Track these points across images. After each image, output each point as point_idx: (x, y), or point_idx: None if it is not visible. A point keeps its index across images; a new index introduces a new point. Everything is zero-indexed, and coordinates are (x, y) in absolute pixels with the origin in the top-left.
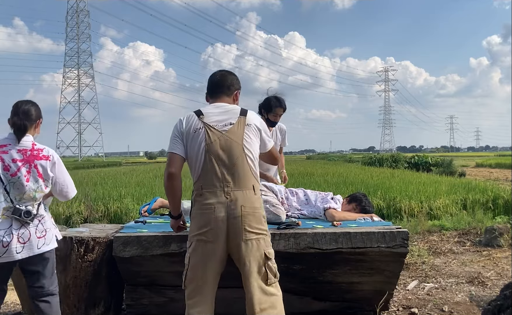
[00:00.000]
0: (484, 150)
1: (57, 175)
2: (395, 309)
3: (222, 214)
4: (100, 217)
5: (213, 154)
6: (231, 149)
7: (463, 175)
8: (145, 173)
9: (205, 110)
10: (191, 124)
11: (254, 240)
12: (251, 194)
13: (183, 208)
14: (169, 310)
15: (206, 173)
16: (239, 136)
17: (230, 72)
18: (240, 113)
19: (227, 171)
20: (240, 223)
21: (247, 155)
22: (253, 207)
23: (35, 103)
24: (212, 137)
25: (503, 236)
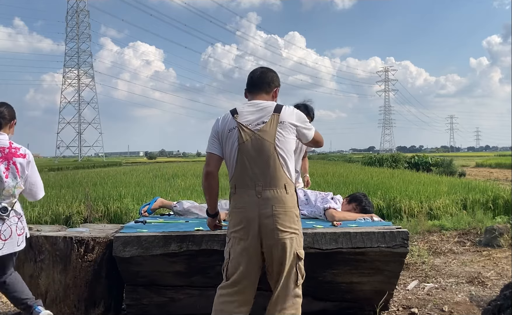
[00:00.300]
0: (484, 150)
1: (30, 174)
2: (395, 309)
3: (254, 213)
4: (100, 217)
5: (245, 154)
6: (263, 149)
7: (463, 175)
8: (145, 173)
9: (240, 109)
10: (226, 123)
11: (287, 239)
12: (283, 193)
13: (184, 208)
14: (169, 310)
15: (239, 172)
16: (271, 135)
17: (270, 69)
18: (274, 110)
19: (259, 170)
20: (272, 222)
21: (279, 154)
22: (285, 206)
23: (9, 105)
24: (244, 137)
25: (503, 236)
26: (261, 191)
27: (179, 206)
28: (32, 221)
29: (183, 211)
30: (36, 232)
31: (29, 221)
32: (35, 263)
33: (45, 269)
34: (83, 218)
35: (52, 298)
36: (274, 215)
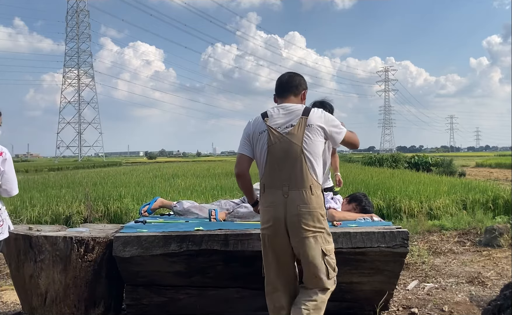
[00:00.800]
0: (484, 150)
1: (6, 170)
2: (395, 309)
3: (281, 213)
4: (100, 217)
5: (273, 155)
6: (290, 151)
7: (463, 175)
8: (145, 173)
9: (270, 112)
10: (256, 126)
11: (311, 238)
12: (308, 194)
13: (184, 208)
14: (169, 310)
15: (268, 173)
16: (299, 138)
17: (297, 73)
18: (302, 113)
19: (286, 171)
20: (297, 221)
21: (306, 157)
22: (310, 206)
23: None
24: (273, 139)
25: (503, 236)
26: (288, 191)
27: (179, 206)
28: (32, 221)
29: (183, 211)
30: (36, 232)
31: (29, 221)
32: (35, 263)
33: (45, 269)
34: (83, 218)
35: (52, 298)
36: (299, 214)
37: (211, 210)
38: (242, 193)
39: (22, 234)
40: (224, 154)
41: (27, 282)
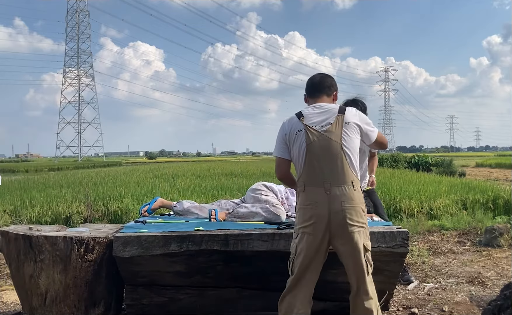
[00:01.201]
0: (484, 150)
1: None
2: (395, 309)
3: (324, 210)
4: (100, 217)
5: (313, 154)
6: (330, 148)
7: (463, 175)
8: (145, 173)
9: (305, 112)
10: (293, 126)
11: (355, 233)
12: (350, 189)
13: (184, 208)
14: (169, 310)
15: (307, 171)
16: (338, 135)
17: (328, 74)
18: (338, 111)
19: (327, 169)
20: (341, 218)
21: (346, 153)
22: (353, 201)
23: None
24: (311, 137)
25: (503, 236)
26: (330, 188)
27: (179, 206)
28: (32, 221)
29: (183, 211)
30: (36, 232)
31: (29, 221)
32: (35, 263)
33: (45, 269)
34: (83, 218)
35: (52, 298)
36: (343, 210)
37: (211, 210)
38: (242, 193)
39: (22, 234)
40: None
41: (27, 282)
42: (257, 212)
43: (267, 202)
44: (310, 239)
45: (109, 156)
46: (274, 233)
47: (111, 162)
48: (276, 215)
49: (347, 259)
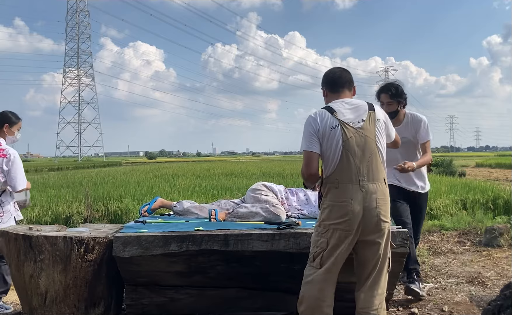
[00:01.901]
0: (484, 150)
1: (10, 169)
2: (395, 309)
3: (359, 206)
4: (100, 217)
5: (349, 150)
6: (366, 145)
7: (463, 175)
8: (145, 173)
9: (336, 107)
10: (326, 121)
11: (386, 229)
12: (383, 185)
13: (184, 208)
14: (169, 310)
15: (342, 167)
16: (372, 132)
17: (345, 69)
18: (368, 108)
19: (362, 165)
20: (375, 214)
21: (379, 150)
22: (385, 197)
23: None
24: (348, 134)
25: (503, 236)
26: (365, 185)
27: (179, 206)
28: (32, 221)
29: (183, 211)
30: (36, 232)
31: (29, 221)
32: (35, 263)
33: (45, 269)
34: (83, 218)
35: (52, 298)
36: (378, 207)
37: (211, 210)
38: (242, 193)
39: (22, 234)
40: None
41: (27, 282)
42: (257, 212)
43: (267, 202)
44: (343, 235)
45: (109, 156)
46: (274, 233)
47: (111, 162)
48: (276, 215)
49: (373, 254)
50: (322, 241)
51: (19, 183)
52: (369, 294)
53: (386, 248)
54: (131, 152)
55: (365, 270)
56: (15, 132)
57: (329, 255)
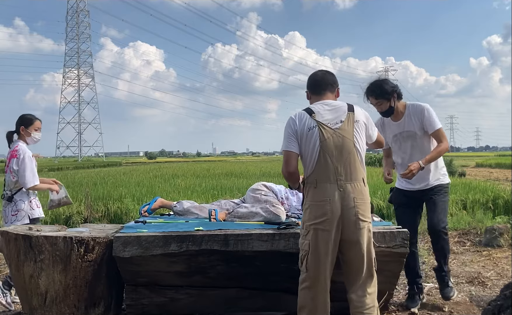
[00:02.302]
0: (484, 150)
1: (19, 168)
2: (395, 309)
3: (337, 205)
4: (100, 217)
5: (327, 151)
6: (343, 146)
7: (463, 175)
8: (145, 173)
9: (315, 108)
10: (304, 123)
11: (365, 228)
12: (361, 185)
13: (184, 208)
14: (169, 310)
15: (320, 168)
16: (350, 133)
17: (329, 71)
18: (348, 109)
19: (340, 165)
20: (353, 213)
21: (357, 150)
22: (364, 197)
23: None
24: (325, 135)
25: (503, 236)
26: (343, 184)
27: (179, 206)
28: None
29: (183, 211)
30: (36, 232)
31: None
32: (35, 263)
33: (45, 269)
34: (83, 218)
35: (52, 298)
36: (356, 206)
37: (211, 210)
38: (242, 193)
39: (22, 234)
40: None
41: (27, 282)
42: (257, 212)
43: (267, 202)
44: (324, 235)
45: (109, 156)
46: (274, 233)
47: (111, 162)
48: (276, 215)
49: (355, 254)
50: (305, 243)
51: (27, 181)
52: (361, 294)
53: (369, 247)
54: (131, 152)
55: (351, 270)
56: (31, 133)
57: (313, 257)
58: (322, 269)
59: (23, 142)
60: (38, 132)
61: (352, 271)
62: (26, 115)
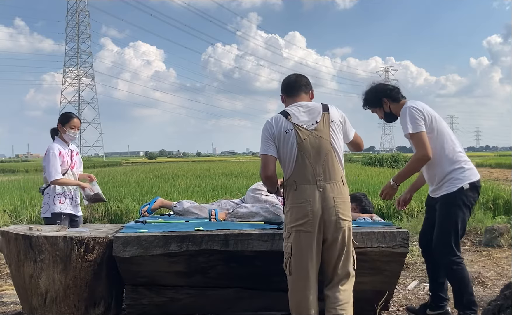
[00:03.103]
0: (484, 150)
1: (44, 163)
2: (395, 309)
3: (317, 206)
4: (100, 217)
5: (304, 152)
6: (320, 146)
7: None
8: (145, 173)
9: (290, 111)
10: (280, 126)
11: (346, 227)
12: (341, 185)
13: (184, 208)
14: (169, 310)
15: (299, 169)
16: (326, 133)
17: (302, 74)
18: (323, 110)
19: (318, 166)
20: (334, 213)
21: (335, 150)
22: (343, 196)
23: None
24: (302, 136)
25: (503, 236)
26: (322, 185)
27: (179, 206)
28: (32, 221)
29: (183, 211)
30: (36, 232)
31: (29, 221)
32: (35, 263)
33: (45, 269)
34: (83, 218)
35: (52, 298)
36: (336, 205)
37: (211, 210)
38: (242, 193)
39: (22, 234)
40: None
41: (27, 282)
42: (257, 212)
43: (267, 202)
44: (306, 237)
45: (109, 156)
46: (274, 233)
47: (111, 162)
48: (276, 215)
49: (335, 252)
50: (287, 245)
51: (49, 175)
52: (335, 290)
53: (348, 246)
54: (131, 152)
55: (329, 268)
56: (67, 130)
57: (296, 259)
58: (305, 271)
59: (59, 140)
60: (74, 130)
61: (329, 269)
62: (66, 113)
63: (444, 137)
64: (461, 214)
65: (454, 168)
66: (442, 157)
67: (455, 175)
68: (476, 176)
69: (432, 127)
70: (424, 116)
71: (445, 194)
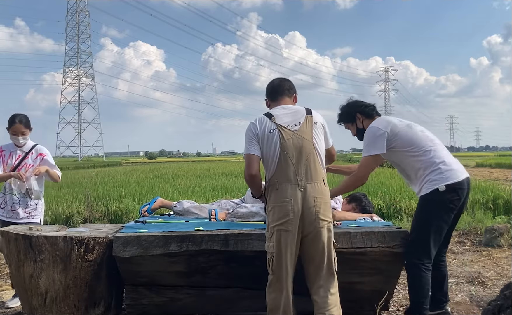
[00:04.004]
0: (484, 150)
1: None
2: (395, 309)
3: (298, 205)
4: (100, 217)
5: (287, 152)
6: (303, 147)
7: None
8: (145, 173)
9: (275, 112)
10: (265, 126)
11: (325, 228)
12: (322, 185)
13: (184, 208)
14: (169, 310)
15: (281, 169)
16: (308, 134)
17: (286, 78)
18: (306, 112)
19: (300, 166)
20: (314, 213)
21: (317, 151)
22: (324, 197)
23: None
24: (285, 136)
25: (503, 236)
26: (304, 185)
27: (179, 206)
28: None
29: (183, 211)
30: (36, 232)
31: None
32: (35, 263)
33: (45, 269)
34: (83, 218)
35: (52, 298)
36: (316, 205)
37: (211, 210)
38: (242, 193)
39: (22, 234)
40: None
41: (27, 282)
42: (257, 212)
43: None
44: (287, 236)
45: (109, 156)
46: None
47: (111, 162)
48: None
49: (315, 253)
50: (270, 245)
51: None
52: (323, 295)
53: (329, 247)
54: (131, 152)
55: (311, 270)
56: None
57: (278, 259)
58: (285, 270)
59: None
60: (17, 135)
61: (312, 271)
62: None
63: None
64: (434, 218)
65: (431, 170)
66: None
67: (432, 177)
68: (456, 177)
69: (401, 138)
70: (388, 133)
71: (422, 195)
